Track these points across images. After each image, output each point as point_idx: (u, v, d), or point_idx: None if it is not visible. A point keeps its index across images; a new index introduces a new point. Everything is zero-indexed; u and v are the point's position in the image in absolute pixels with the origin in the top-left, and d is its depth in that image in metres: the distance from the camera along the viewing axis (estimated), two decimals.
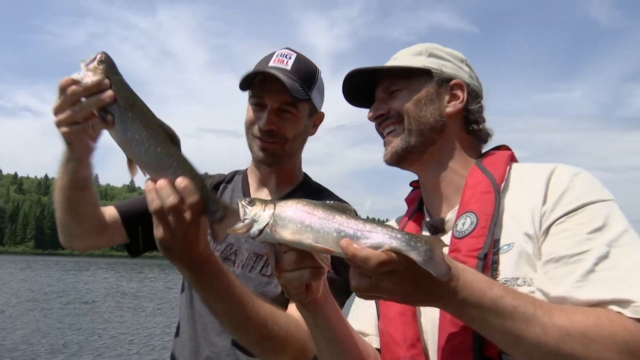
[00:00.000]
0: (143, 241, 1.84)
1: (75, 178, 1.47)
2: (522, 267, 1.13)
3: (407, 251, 0.90)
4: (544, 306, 0.99)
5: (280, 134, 1.76)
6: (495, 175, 1.27)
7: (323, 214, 0.98)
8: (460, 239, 1.21)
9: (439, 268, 0.90)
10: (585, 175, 1.19)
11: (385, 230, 0.92)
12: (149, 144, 1.11)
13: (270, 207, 1.02)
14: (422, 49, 1.44)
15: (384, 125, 1.44)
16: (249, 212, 1.03)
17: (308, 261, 1.01)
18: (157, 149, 1.11)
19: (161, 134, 1.13)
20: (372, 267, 0.89)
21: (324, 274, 1.07)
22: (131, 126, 1.11)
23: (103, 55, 1.14)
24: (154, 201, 1.12)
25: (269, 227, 1.00)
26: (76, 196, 1.55)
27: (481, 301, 0.96)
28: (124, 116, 1.11)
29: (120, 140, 1.13)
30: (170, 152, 1.13)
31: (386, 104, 1.42)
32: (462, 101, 1.39)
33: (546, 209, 1.15)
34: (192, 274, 1.28)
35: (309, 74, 1.79)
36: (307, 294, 1.11)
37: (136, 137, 1.11)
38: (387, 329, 1.31)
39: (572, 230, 1.10)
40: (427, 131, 1.37)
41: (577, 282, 1.04)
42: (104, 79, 1.12)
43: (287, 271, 1.04)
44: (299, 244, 0.98)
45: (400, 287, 0.94)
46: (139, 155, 1.12)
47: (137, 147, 1.11)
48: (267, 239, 1.01)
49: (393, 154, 1.39)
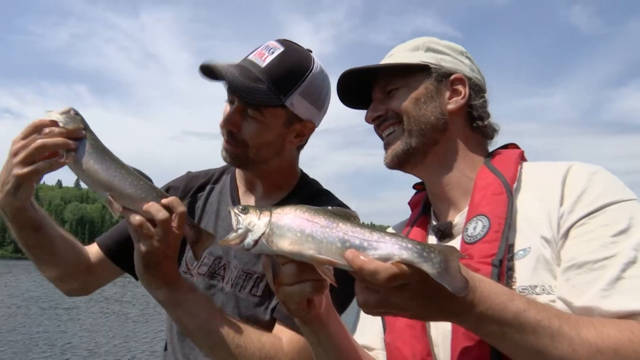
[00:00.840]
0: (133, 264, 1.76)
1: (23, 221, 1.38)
2: (540, 274, 1.04)
3: (420, 263, 0.81)
4: (571, 320, 0.91)
5: (242, 138, 1.55)
6: (506, 176, 1.18)
7: (325, 222, 0.89)
8: (472, 244, 1.12)
9: (455, 282, 0.81)
10: (604, 173, 1.11)
11: (395, 240, 0.83)
12: (130, 178, 1.26)
13: (266, 214, 0.92)
14: (419, 44, 1.36)
15: (383, 127, 1.35)
16: (242, 221, 0.93)
17: (309, 274, 0.92)
18: (139, 181, 1.26)
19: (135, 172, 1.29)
20: (381, 281, 0.80)
21: (326, 288, 0.97)
22: (110, 166, 1.25)
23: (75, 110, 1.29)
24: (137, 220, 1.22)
25: (264, 237, 0.91)
26: (33, 241, 1.45)
27: (501, 315, 0.88)
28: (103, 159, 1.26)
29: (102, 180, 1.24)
30: (150, 184, 1.29)
31: (384, 104, 1.34)
32: (464, 97, 1.30)
33: (564, 211, 1.07)
34: (168, 290, 1.33)
35: (290, 75, 1.52)
36: (309, 309, 1.01)
37: (116, 174, 1.25)
38: (394, 342, 1.21)
39: (595, 233, 1.01)
40: (428, 131, 1.28)
41: (604, 290, 0.96)
42: (80, 127, 1.26)
43: (286, 285, 0.94)
44: (299, 255, 0.89)
45: (412, 303, 0.86)
46: (123, 188, 1.24)
47: (120, 181, 1.24)
48: (264, 250, 0.92)
49: (394, 157, 1.31)
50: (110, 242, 1.72)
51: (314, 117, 1.64)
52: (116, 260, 1.71)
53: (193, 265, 1.67)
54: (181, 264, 1.69)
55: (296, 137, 1.64)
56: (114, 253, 1.70)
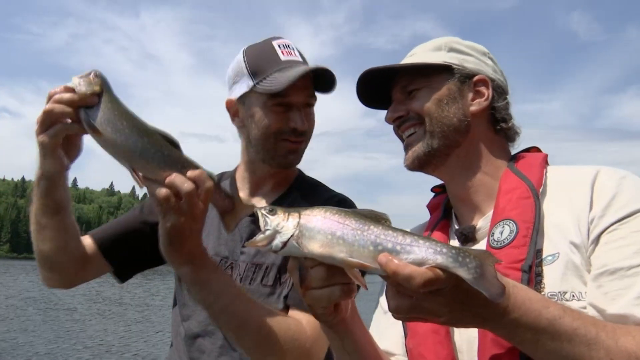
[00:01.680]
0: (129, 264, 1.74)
1: (47, 201, 1.39)
2: (569, 280, 1.02)
3: (455, 268, 0.79)
4: (608, 328, 0.89)
5: (308, 131, 1.65)
6: (532, 180, 1.16)
7: (356, 224, 0.86)
8: (499, 249, 1.09)
9: (492, 288, 0.79)
10: (633, 178, 1.09)
11: (429, 244, 0.81)
12: (154, 149, 1.15)
13: (295, 216, 0.90)
14: (442, 44, 1.33)
15: (404, 128, 1.32)
16: (270, 222, 0.91)
17: (338, 277, 0.89)
18: (163, 151, 1.16)
19: (160, 138, 1.18)
20: (416, 287, 0.78)
21: (355, 292, 0.95)
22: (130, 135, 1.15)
23: (97, 71, 1.20)
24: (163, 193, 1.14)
25: (294, 238, 0.88)
26: (50, 223, 1.44)
27: (536, 322, 0.86)
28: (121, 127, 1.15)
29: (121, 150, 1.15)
30: (175, 153, 1.19)
31: (404, 105, 1.31)
32: (487, 98, 1.28)
33: (594, 216, 1.05)
34: (193, 267, 1.27)
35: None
36: (336, 313, 0.99)
37: (137, 144, 1.14)
38: (417, 348, 1.19)
39: (627, 239, 0.99)
40: (450, 133, 1.25)
41: (638, 298, 0.94)
42: (99, 90, 1.17)
43: (314, 288, 0.91)
44: (330, 258, 0.86)
45: (445, 308, 0.83)
46: (145, 159, 1.15)
47: (142, 152, 1.14)
48: (293, 252, 0.89)
49: (415, 159, 1.28)
50: (106, 238, 1.69)
51: None
52: (109, 257, 1.68)
53: None
54: None
55: None
56: (108, 250, 1.67)
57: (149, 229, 1.71)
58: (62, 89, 1.20)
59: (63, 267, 1.57)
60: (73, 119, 1.20)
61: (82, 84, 1.17)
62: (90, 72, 1.19)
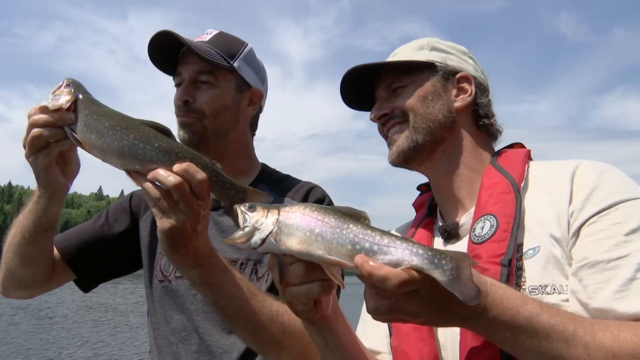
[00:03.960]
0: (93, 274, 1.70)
1: (42, 218, 1.34)
2: (550, 273, 1.02)
3: (431, 270, 0.79)
4: (585, 323, 0.89)
5: (197, 107, 1.57)
6: (513, 175, 1.17)
7: (335, 222, 0.86)
8: (480, 244, 1.10)
9: (466, 290, 0.79)
10: (613, 170, 1.09)
11: (406, 245, 0.81)
12: (142, 144, 1.07)
13: (274, 212, 0.90)
14: (424, 43, 1.35)
15: (389, 126, 1.32)
16: (249, 219, 0.90)
17: (317, 274, 0.89)
18: (153, 144, 1.08)
19: (148, 131, 1.10)
20: (391, 288, 0.78)
21: (334, 288, 0.94)
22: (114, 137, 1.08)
23: (68, 80, 1.15)
24: (153, 192, 1.06)
25: (272, 235, 0.88)
26: (39, 240, 1.40)
27: (514, 320, 0.86)
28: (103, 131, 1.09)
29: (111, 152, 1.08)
30: (166, 143, 1.10)
31: (389, 103, 1.32)
32: (470, 94, 1.29)
33: (574, 209, 1.05)
34: (202, 271, 1.19)
35: (231, 45, 1.65)
36: (316, 310, 0.99)
37: (123, 144, 1.07)
38: (401, 346, 1.18)
39: (607, 232, 1.00)
40: (436, 128, 1.26)
41: (617, 292, 0.94)
42: (71, 99, 1.12)
43: (293, 285, 0.91)
44: (307, 255, 0.86)
45: (423, 309, 0.84)
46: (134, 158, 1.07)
47: (130, 151, 1.07)
48: (271, 249, 0.89)
49: (399, 154, 1.28)
50: (69, 247, 1.65)
51: (259, 87, 1.73)
52: (74, 267, 1.65)
53: (169, 271, 1.61)
54: (155, 272, 1.64)
55: (249, 105, 1.70)
56: (73, 259, 1.64)
57: (114, 238, 1.69)
58: (36, 110, 1.14)
59: (32, 279, 1.53)
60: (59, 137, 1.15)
61: (54, 100, 1.12)
62: (61, 84, 1.15)
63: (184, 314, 1.56)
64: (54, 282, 1.63)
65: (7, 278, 1.52)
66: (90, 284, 1.72)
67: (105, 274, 1.73)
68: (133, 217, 1.73)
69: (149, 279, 1.67)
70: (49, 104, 1.11)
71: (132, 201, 1.77)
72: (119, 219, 1.73)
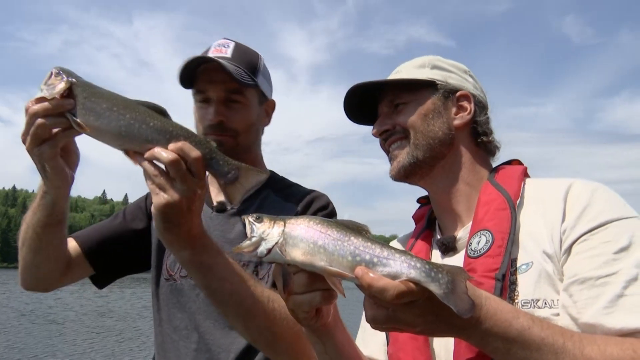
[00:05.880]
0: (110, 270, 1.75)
1: (51, 212, 1.36)
2: (542, 288, 1.07)
3: (427, 283, 0.83)
4: (574, 337, 0.93)
5: (231, 126, 1.63)
6: (509, 192, 1.21)
7: (337, 235, 0.90)
8: (476, 259, 1.14)
9: (461, 303, 0.83)
10: (604, 190, 1.14)
11: (404, 258, 0.86)
12: (138, 123, 1.08)
13: (280, 224, 0.94)
14: (425, 62, 1.40)
15: (390, 142, 1.37)
16: (256, 230, 0.95)
17: (319, 283, 0.93)
18: (148, 123, 1.09)
19: (144, 110, 1.11)
20: (389, 299, 0.82)
21: (335, 298, 0.99)
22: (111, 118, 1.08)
23: (57, 68, 1.13)
24: (150, 169, 1.08)
25: (278, 246, 0.92)
26: (49, 233, 1.43)
27: (506, 332, 0.90)
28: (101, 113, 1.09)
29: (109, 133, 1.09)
30: (162, 122, 1.11)
31: (391, 119, 1.37)
32: (469, 112, 1.34)
33: (566, 226, 1.09)
34: (193, 251, 1.20)
35: (251, 60, 1.70)
36: (317, 318, 1.03)
37: (120, 125, 1.08)
38: (397, 354, 1.23)
39: (597, 250, 1.04)
40: (436, 145, 1.31)
41: (606, 308, 0.98)
42: (67, 85, 1.10)
43: (296, 294, 0.96)
44: (310, 265, 0.91)
45: (419, 319, 0.88)
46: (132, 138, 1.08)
47: (127, 131, 1.08)
48: (276, 259, 0.93)
49: (400, 169, 1.33)
50: (90, 242, 1.69)
51: (271, 97, 1.81)
52: (93, 262, 1.69)
53: (175, 270, 1.65)
54: (162, 271, 1.69)
55: (266, 117, 1.79)
56: (93, 254, 1.68)
57: (131, 235, 1.75)
58: (34, 102, 1.12)
59: (49, 273, 1.58)
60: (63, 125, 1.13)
61: (49, 89, 1.10)
62: (51, 73, 1.12)
63: (186, 312, 1.61)
64: (71, 276, 1.66)
65: (25, 272, 1.56)
66: (106, 280, 1.77)
67: (121, 270, 1.78)
68: (149, 215, 1.78)
69: (156, 277, 1.72)
70: (46, 94, 1.10)
71: (147, 200, 1.82)
72: (135, 218, 1.79)
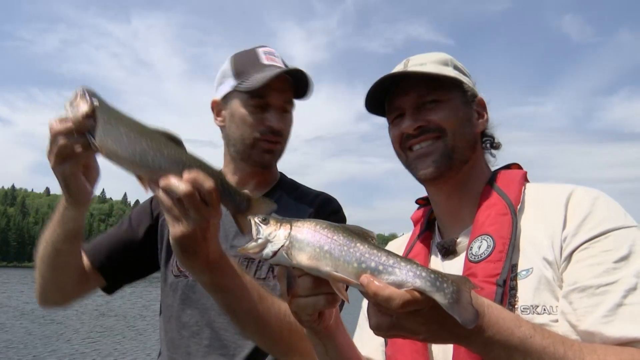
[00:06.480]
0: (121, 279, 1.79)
1: (71, 227, 1.41)
2: (541, 294, 1.08)
3: (432, 292, 0.83)
4: (575, 347, 0.94)
5: (283, 132, 1.72)
6: (510, 197, 1.22)
7: (344, 240, 0.90)
8: (476, 263, 1.15)
9: (465, 314, 0.83)
10: (605, 198, 1.14)
11: (410, 267, 0.85)
12: (153, 151, 1.10)
13: (287, 227, 0.94)
14: (447, 59, 1.36)
15: (422, 138, 1.29)
16: (262, 231, 0.94)
17: (324, 287, 0.94)
18: (163, 152, 1.10)
19: (160, 138, 1.12)
20: (394, 307, 0.83)
21: (338, 301, 0.99)
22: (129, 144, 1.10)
23: (82, 88, 1.17)
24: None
25: (284, 249, 0.92)
26: (69, 248, 1.48)
27: (508, 340, 0.91)
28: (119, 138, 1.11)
29: (124, 158, 1.11)
30: (176, 152, 1.12)
31: (422, 115, 1.30)
32: (487, 120, 1.36)
33: (567, 234, 1.10)
34: (213, 275, 1.24)
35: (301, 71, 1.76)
36: (320, 320, 1.04)
37: (137, 149, 1.10)
38: (395, 355, 1.25)
39: (597, 258, 1.05)
40: (467, 149, 1.31)
41: (605, 316, 0.99)
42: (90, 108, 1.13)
43: (300, 297, 0.96)
44: (316, 270, 0.91)
45: (423, 327, 0.88)
46: (147, 166, 1.10)
47: (142, 159, 1.10)
48: (282, 261, 0.94)
49: (436, 169, 1.28)
50: (100, 255, 1.72)
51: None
52: (105, 273, 1.72)
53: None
54: (171, 267, 1.71)
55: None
56: (104, 266, 1.71)
57: (139, 241, 1.77)
58: (57, 121, 1.17)
59: (67, 288, 1.62)
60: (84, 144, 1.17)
61: (72, 110, 1.15)
62: (76, 94, 1.16)
63: (197, 309, 1.62)
64: (86, 289, 1.71)
65: (44, 289, 1.60)
66: (116, 287, 1.80)
67: (132, 276, 1.81)
68: (155, 217, 1.81)
69: (165, 273, 1.74)
70: (70, 114, 1.15)
71: (153, 202, 1.85)
72: (141, 222, 1.81)
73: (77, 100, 1.15)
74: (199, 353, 1.59)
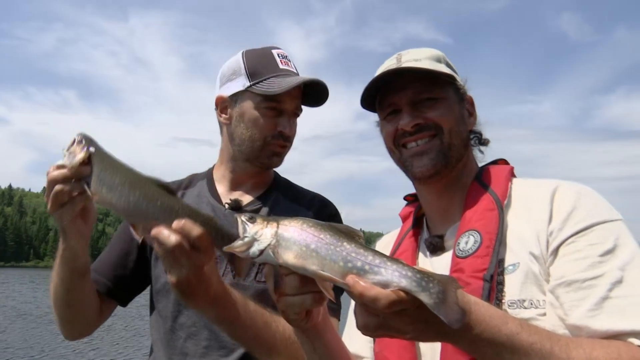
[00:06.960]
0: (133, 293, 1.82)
1: (73, 266, 1.44)
2: (528, 289, 1.09)
3: (418, 292, 0.83)
4: (561, 342, 0.94)
5: (291, 136, 1.75)
6: (497, 192, 1.22)
7: (330, 239, 0.90)
8: (464, 259, 1.16)
9: (451, 313, 0.83)
10: (591, 193, 1.15)
11: (396, 267, 0.85)
12: (146, 201, 1.12)
13: (273, 225, 0.94)
14: (440, 56, 1.35)
15: (418, 136, 1.29)
16: (249, 230, 0.94)
17: (311, 286, 0.94)
18: (156, 202, 1.13)
19: (153, 189, 1.14)
20: (380, 307, 0.83)
21: (325, 300, 1.00)
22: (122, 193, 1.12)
23: (80, 135, 1.18)
24: (158, 249, 1.12)
25: (270, 247, 0.92)
26: (78, 285, 1.51)
27: (495, 338, 0.91)
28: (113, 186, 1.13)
29: (118, 206, 1.13)
30: (169, 201, 1.14)
31: (419, 112, 1.29)
32: (475, 117, 1.37)
33: (553, 228, 1.11)
34: (215, 312, 1.28)
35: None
36: (307, 319, 1.05)
37: (131, 200, 1.12)
38: (383, 352, 1.25)
39: (583, 252, 1.06)
40: (461, 148, 1.31)
41: (591, 310, 1.00)
42: (86, 155, 1.15)
43: (287, 295, 0.96)
44: (302, 269, 0.91)
45: (410, 327, 0.89)
46: (140, 214, 1.12)
47: (135, 208, 1.12)
48: (268, 260, 0.94)
49: (432, 167, 1.27)
50: (106, 281, 1.73)
51: None
52: (116, 297, 1.75)
53: None
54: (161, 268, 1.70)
55: None
56: (113, 292, 1.74)
57: (136, 248, 1.76)
58: (54, 168, 1.19)
59: (88, 319, 1.66)
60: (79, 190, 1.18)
61: (69, 157, 1.16)
62: (74, 140, 1.18)
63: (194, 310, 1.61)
64: (106, 313, 1.75)
65: (65, 326, 1.65)
66: (130, 299, 1.82)
67: (142, 283, 1.82)
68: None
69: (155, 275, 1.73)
70: (66, 161, 1.17)
71: None
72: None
73: (73, 146, 1.17)
74: (197, 354, 1.59)
